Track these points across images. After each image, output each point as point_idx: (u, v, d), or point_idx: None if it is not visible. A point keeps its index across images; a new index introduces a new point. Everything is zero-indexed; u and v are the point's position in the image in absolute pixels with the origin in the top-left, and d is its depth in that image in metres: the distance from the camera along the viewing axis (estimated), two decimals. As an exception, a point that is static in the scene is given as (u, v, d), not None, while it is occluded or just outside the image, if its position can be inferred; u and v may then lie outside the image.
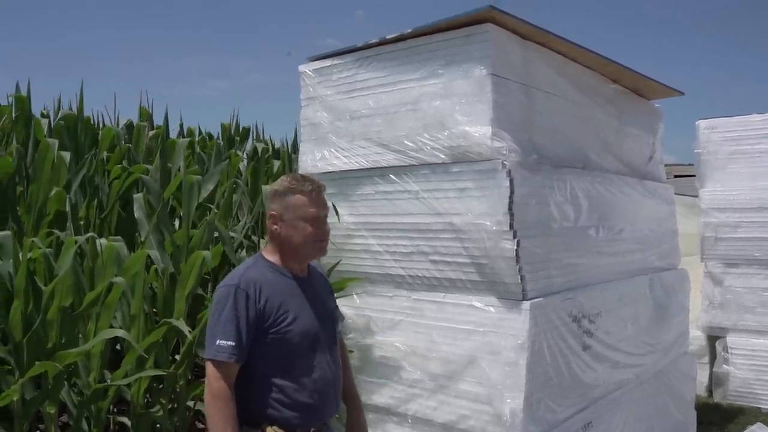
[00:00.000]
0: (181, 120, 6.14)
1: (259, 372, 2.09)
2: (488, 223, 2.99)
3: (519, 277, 2.96)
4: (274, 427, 2.08)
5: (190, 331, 3.11)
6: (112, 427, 3.26)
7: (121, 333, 2.71)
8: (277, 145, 6.16)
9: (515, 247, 2.94)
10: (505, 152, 2.99)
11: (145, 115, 5.73)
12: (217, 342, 2.01)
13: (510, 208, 2.94)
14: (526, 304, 2.95)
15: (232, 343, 2.01)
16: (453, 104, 3.11)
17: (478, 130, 3.01)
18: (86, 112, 4.50)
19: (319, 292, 2.29)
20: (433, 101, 3.18)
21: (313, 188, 2.15)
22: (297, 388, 2.11)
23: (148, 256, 3.41)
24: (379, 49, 3.40)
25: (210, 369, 2.02)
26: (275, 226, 2.15)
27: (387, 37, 3.32)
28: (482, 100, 3.02)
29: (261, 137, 6.65)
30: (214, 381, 2.00)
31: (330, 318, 2.29)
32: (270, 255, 2.20)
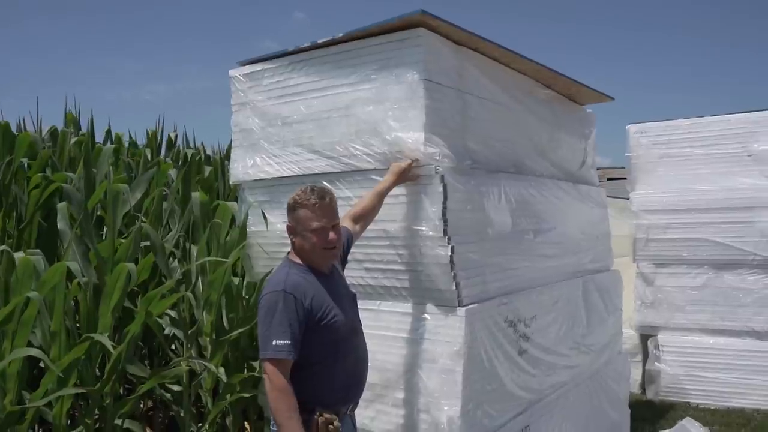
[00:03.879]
0: (108, 126, 5.90)
1: (310, 361, 2.32)
2: (422, 229, 2.96)
3: (454, 284, 2.94)
4: (325, 412, 2.32)
5: (114, 346, 2.98)
6: (32, 450, 3.10)
7: (34, 352, 2.57)
8: (209, 151, 6.01)
9: (450, 254, 2.92)
10: (438, 158, 2.97)
11: (71, 121, 5.49)
12: (274, 342, 2.22)
13: (444, 214, 2.92)
14: (462, 311, 2.93)
15: (288, 342, 2.23)
16: (386, 110, 3.07)
17: (411, 135, 2.99)
18: (9, 119, 4.28)
19: (342, 283, 2.61)
20: (366, 107, 3.14)
21: (317, 201, 2.36)
22: (343, 369, 2.41)
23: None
24: (311, 54, 3.34)
25: (269, 367, 2.22)
26: (292, 237, 2.42)
27: (319, 41, 3.26)
28: (415, 106, 2.99)
29: (193, 144, 6.48)
30: (274, 377, 2.21)
31: (354, 303, 2.60)
32: (298, 258, 2.43)
